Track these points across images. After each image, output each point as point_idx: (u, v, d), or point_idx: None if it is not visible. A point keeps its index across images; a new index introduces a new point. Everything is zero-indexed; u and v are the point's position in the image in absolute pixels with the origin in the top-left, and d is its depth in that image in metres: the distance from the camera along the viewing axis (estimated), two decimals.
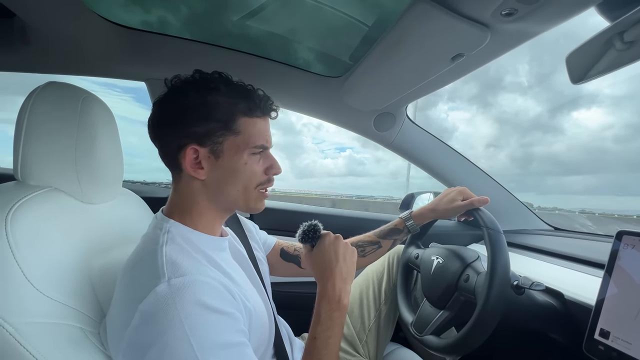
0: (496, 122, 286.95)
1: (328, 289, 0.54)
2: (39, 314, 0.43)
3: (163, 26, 0.86)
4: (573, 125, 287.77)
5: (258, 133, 0.52)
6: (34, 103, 0.53)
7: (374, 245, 0.81)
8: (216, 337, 0.41)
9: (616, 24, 0.44)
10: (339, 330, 0.53)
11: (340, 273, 0.56)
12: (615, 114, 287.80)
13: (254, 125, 0.51)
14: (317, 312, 0.54)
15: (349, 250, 0.60)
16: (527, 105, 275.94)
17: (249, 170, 0.51)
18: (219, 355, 0.40)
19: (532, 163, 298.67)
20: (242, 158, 0.51)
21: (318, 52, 0.94)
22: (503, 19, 0.54)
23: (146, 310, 0.40)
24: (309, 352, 0.51)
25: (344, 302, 0.55)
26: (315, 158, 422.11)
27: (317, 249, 0.59)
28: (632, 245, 0.54)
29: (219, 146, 0.50)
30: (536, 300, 0.69)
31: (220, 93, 0.50)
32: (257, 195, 0.54)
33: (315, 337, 0.51)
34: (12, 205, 0.46)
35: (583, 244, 0.93)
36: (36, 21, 0.73)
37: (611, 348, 0.51)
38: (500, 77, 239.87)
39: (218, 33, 0.90)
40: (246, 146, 0.51)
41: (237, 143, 0.50)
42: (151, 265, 0.43)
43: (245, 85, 0.53)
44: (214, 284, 0.44)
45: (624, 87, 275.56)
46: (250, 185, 0.52)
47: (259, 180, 0.53)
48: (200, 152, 0.49)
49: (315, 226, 0.61)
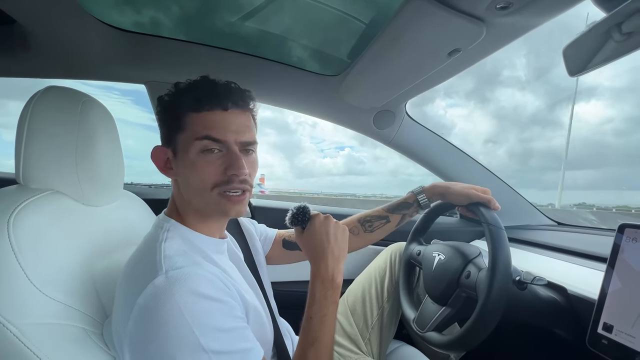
0: (494, 118, 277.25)
1: (321, 269, 0.55)
2: (42, 315, 0.44)
3: (162, 29, 0.87)
4: (573, 120, 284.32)
5: (204, 126, 0.48)
6: (34, 107, 0.53)
7: (382, 219, 0.79)
8: (215, 322, 0.42)
9: (613, 14, 0.44)
10: (334, 308, 0.54)
11: (332, 253, 0.57)
12: (615, 107, 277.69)
13: (200, 119, 0.48)
14: (312, 292, 0.54)
15: (339, 229, 0.60)
16: (526, 99, 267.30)
17: (199, 169, 0.48)
18: (220, 339, 0.41)
19: (532, 159, 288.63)
20: (190, 155, 0.48)
21: (316, 51, 0.94)
22: (498, 13, 0.54)
23: (145, 303, 0.41)
24: (305, 332, 0.52)
25: (337, 281, 0.55)
26: (314, 157, 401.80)
27: (307, 230, 0.60)
28: (634, 238, 0.54)
29: (175, 145, 0.50)
30: (539, 295, 0.68)
31: (171, 94, 0.52)
32: (215, 198, 0.49)
33: (311, 317, 0.52)
34: (14, 209, 0.46)
35: (586, 238, 0.92)
36: (36, 27, 0.74)
37: (614, 342, 0.51)
38: (498, 72, 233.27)
39: (216, 34, 0.90)
40: (191, 141, 0.48)
41: (184, 139, 0.49)
42: (150, 261, 0.45)
43: (196, 79, 0.51)
44: (209, 276, 0.45)
45: (624, 79, 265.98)
46: (204, 187, 0.48)
47: (214, 181, 0.48)
48: (168, 152, 0.52)
49: (304, 208, 0.61)
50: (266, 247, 0.78)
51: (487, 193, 0.73)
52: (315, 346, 0.50)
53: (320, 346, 0.50)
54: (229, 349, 0.42)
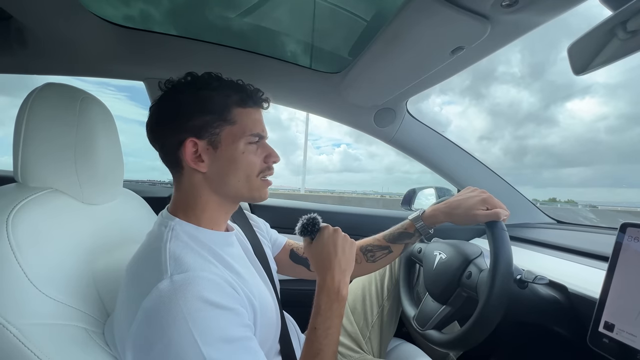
0: (489, 115, 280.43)
1: (327, 280, 0.55)
2: (42, 316, 0.43)
3: (161, 25, 0.86)
4: (567, 117, 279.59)
5: (253, 122, 0.53)
6: (32, 104, 0.52)
7: (384, 250, 0.76)
8: (219, 332, 0.41)
9: (619, 12, 0.44)
10: (339, 320, 0.54)
11: (339, 265, 0.56)
12: (609, 104, 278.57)
13: (248, 115, 0.53)
14: (317, 303, 0.54)
15: (347, 242, 0.60)
16: (521, 96, 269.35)
17: (248, 158, 0.53)
18: (223, 350, 0.41)
19: (527, 156, 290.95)
20: (239, 147, 0.52)
21: (317, 49, 0.94)
22: (503, 10, 0.53)
23: (149, 307, 0.40)
24: (310, 342, 0.52)
25: (343, 293, 0.55)
26: (309, 154, 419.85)
27: (316, 241, 0.60)
28: (636, 237, 0.54)
29: (217, 137, 0.51)
30: (540, 294, 0.69)
31: (212, 87, 0.52)
32: (260, 183, 0.55)
33: (316, 328, 0.52)
34: (12, 207, 0.46)
35: (587, 236, 0.92)
36: (33, 22, 0.73)
37: (616, 341, 0.51)
38: (493, 68, 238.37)
39: (216, 31, 0.89)
40: (242, 135, 0.52)
41: (233, 133, 0.52)
42: (155, 262, 0.44)
43: (234, 80, 0.55)
44: (217, 280, 0.44)
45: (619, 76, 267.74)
46: (252, 174, 0.53)
47: (260, 168, 0.54)
48: (199, 144, 0.50)
49: (314, 219, 0.61)
50: (274, 251, 0.78)
51: (488, 201, 0.66)
52: (319, 358, 0.50)
53: (323, 358, 0.50)
54: None
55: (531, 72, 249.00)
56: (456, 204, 0.69)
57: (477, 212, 0.66)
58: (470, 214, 0.66)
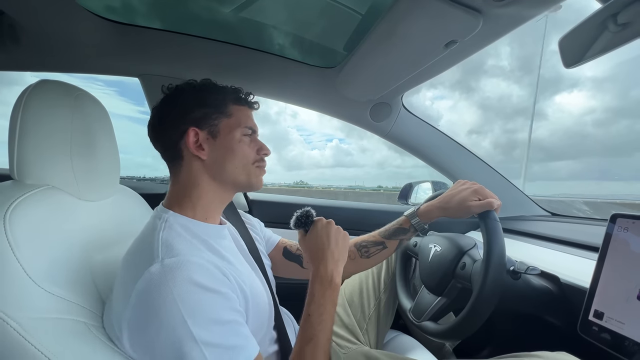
0: (479, 109, 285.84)
1: (320, 270, 0.57)
2: (42, 310, 0.44)
3: (155, 20, 0.85)
4: (556, 110, 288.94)
5: (246, 117, 0.59)
6: (27, 101, 0.52)
7: (378, 245, 0.78)
8: (209, 314, 0.42)
9: (609, 5, 0.44)
10: (332, 307, 0.56)
11: (332, 255, 0.58)
12: (596, 97, 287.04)
13: (242, 111, 0.59)
14: (311, 291, 0.56)
15: (340, 234, 0.62)
16: (511, 90, 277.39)
17: (243, 147, 0.57)
18: (213, 331, 0.42)
19: (516, 150, 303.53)
20: (236, 136, 0.57)
21: (312, 43, 0.93)
22: (495, 4, 0.53)
23: (141, 289, 0.42)
24: (304, 329, 0.54)
25: (336, 282, 0.57)
26: (302, 149, 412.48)
27: (310, 233, 0.62)
28: (625, 227, 0.55)
29: (215, 128, 0.56)
30: (532, 284, 0.70)
31: (211, 86, 0.59)
32: (255, 170, 0.59)
33: (310, 314, 0.54)
34: (9, 205, 0.46)
35: (580, 228, 0.93)
36: (25, 18, 0.72)
37: (605, 328, 0.53)
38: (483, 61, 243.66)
39: (211, 26, 0.89)
40: (238, 126, 0.57)
41: (230, 124, 0.57)
42: (147, 249, 0.46)
43: (229, 85, 0.62)
44: (207, 265, 0.46)
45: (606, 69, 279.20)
46: (248, 161, 0.58)
47: (254, 157, 0.59)
48: (200, 134, 0.55)
49: (307, 212, 0.63)
50: (268, 249, 0.79)
51: (480, 192, 0.68)
52: (312, 343, 0.52)
53: (317, 343, 0.52)
54: (221, 342, 0.42)
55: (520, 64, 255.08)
56: (449, 198, 0.72)
57: (470, 204, 0.68)
58: (463, 206, 0.68)
